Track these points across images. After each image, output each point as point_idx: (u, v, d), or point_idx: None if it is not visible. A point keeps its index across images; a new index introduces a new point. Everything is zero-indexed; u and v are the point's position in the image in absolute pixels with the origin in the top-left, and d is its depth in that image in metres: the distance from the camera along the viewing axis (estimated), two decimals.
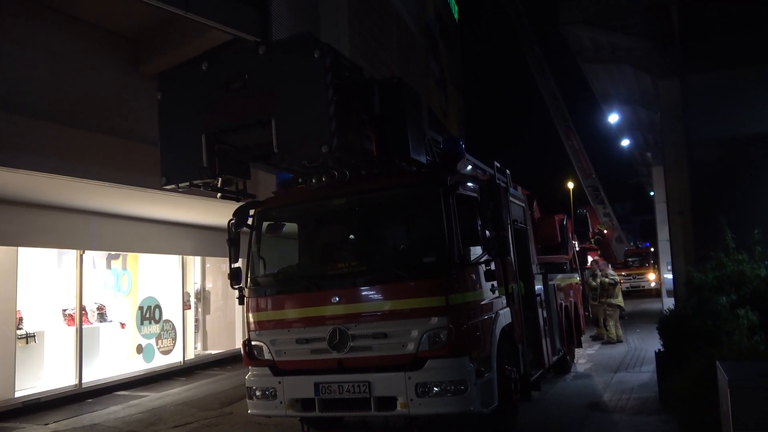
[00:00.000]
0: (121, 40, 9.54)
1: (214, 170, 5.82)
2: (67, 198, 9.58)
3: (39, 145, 7.75)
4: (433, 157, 7.19)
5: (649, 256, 31.64)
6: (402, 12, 20.37)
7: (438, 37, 26.01)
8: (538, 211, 11.77)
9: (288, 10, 12.22)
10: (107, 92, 9.13)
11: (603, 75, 12.96)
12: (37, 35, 8.28)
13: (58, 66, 8.48)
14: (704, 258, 8.79)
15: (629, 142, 21.33)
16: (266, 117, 5.52)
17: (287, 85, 5.51)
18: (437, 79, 25.53)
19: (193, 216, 12.18)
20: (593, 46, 10.97)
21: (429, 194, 6.21)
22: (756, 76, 9.52)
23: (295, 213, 7.16)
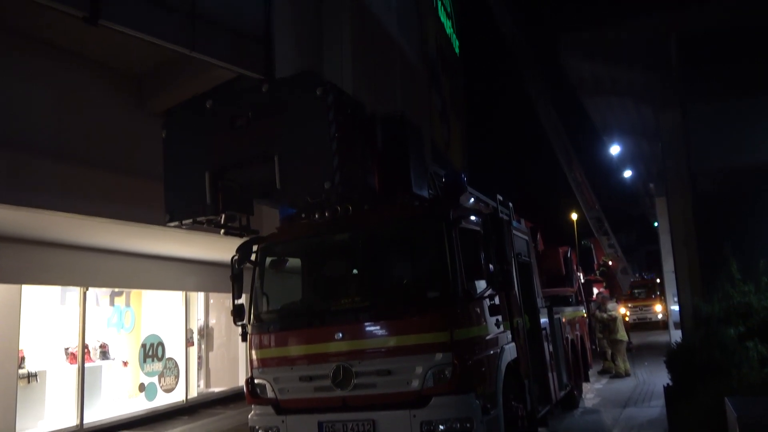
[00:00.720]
0: (127, 78, 9.68)
1: (217, 207, 5.85)
2: (71, 235, 9.61)
3: (43, 182, 7.81)
4: (435, 191, 7.21)
5: (655, 287, 31.40)
6: (404, 46, 20.62)
7: (440, 70, 26.29)
8: (542, 244, 11.73)
9: (292, 46, 12.39)
10: (112, 129, 9.23)
11: (604, 107, 13.06)
12: (43, 73, 8.41)
13: (63, 103, 8.59)
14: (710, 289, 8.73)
15: (632, 173, 21.37)
16: (269, 154, 5.57)
17: (290, 122, 5.58)
18: (440, 112, 25.71)
19: (197, 252, 12.18)
20: (593, 79, 11.08)
21: (432, 228, 6.21)
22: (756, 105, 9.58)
23: (299, 248, 7.15)
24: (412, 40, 21.86)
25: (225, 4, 8.70)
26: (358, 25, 15.47)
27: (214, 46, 8.49)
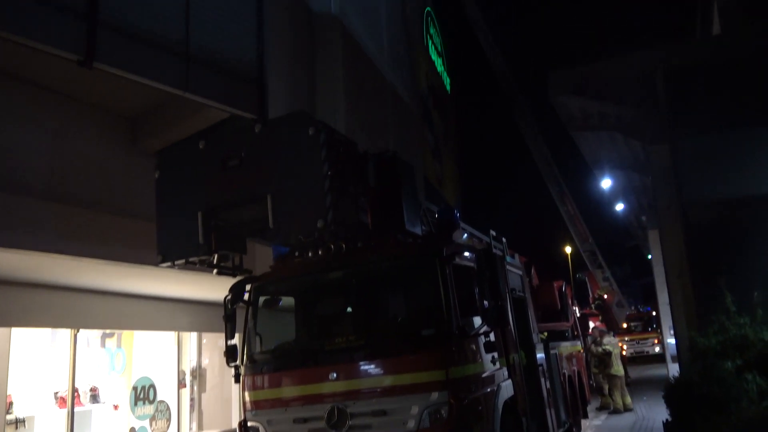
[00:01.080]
0: (121, 119, 9.73)
1: (210, 247, 5.84)
2: (62, 276, 9.52)
3: (35, 223, 7.77)
4: (429, 228, 7.22)
5: (652, 320, 31.28)
6: (396, 84, 20.92)
7: (432, 107, 26.63)
8: (536, 278, 11.71)
9: (285, 86, 12.55)
10: (105, 169, 9.24)
11: (594, 141, 13.20)
12: (37, 115, 8.44)
13: (57, 145, 8.61)
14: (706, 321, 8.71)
15: (624, 206, 21.50)
16: (262, 193, 5.59)
17: (283, 161, 5.62)
18: (432, 148, 25.96)
19: (190, 291, 12.08)
20: (582, 115, 11.23)
21: (425, 265, 6.20)
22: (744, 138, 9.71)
23: (292, 287, 7.11)
24: (404, 78, 22.20)
25: (218, 46, 8.81)
26: (351, 64, 15.71)
27: (208, 87, 8.57)
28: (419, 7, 26.27)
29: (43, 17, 6.76)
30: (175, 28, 8.11)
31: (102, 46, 7.19)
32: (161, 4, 7.98)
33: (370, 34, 18.04)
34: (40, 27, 6.73)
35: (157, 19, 7.86)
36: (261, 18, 9.44)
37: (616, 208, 22.78)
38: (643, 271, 43.95)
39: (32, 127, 8.32)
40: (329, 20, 14.89)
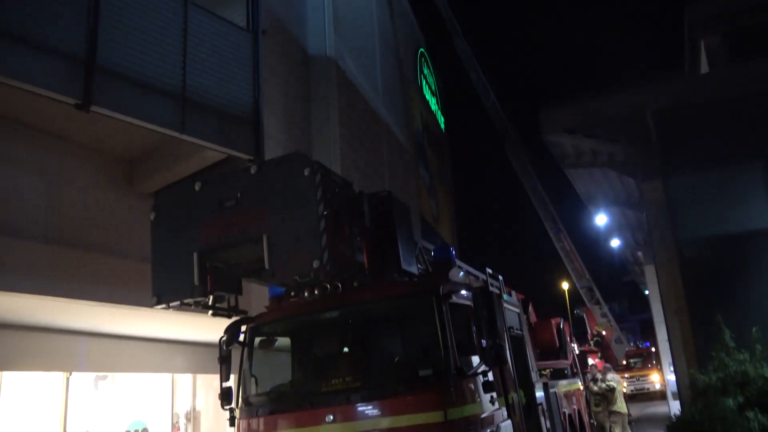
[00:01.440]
0: (117, 161, 9.79)
1: (205, 288, 5.82)
2: (55, 319, 9.44)
3: (31, 266, 7.75)
4: (425, 266, 7.22)
5: (651, 356, 31.03)
6: (391, 123, 21.19)
7: (426, 145, 26.91)
8: (534, 316, 11.65)
9: (281, 126, 12.69)
10: (101, 212, 9.25)
11: (587, 179, 13.32)
12: (34, 159, 8.50)
13: (53, 187, 8.64)
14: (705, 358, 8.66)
15: (619, 242, 21.55)
16: (258, 233, 5.60)
17: (279, 202, 5.64)
18: (427, 186, 26.14)
19: (185, 332, 11.97)
20: (575, 153, 11.37)
21: (422, 304, 6.17)
22: (735, 174, 9.82)
23: (288, 328, 7.05)
24: (398, 118, 22.50)
25: (215, 88, 8.96)
26: (346, 104, 15.94)
27: (204, 129, 8.69)
28: (413, 48, 26.78)
29: (41, 62, 6.88)
30: (172, 72, 8.26)
31: (99, 89, 7.31)
32: (158, 49, 8.14)
33: (364, 74, 18.35)
34: (38, 72, 6.84)
35: (154, 63, 8.01)
36: (257, 61, 9.61)
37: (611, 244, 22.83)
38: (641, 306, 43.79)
39: (29, 170, 8.37)
40: (324, 61, 15.16)
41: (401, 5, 25.40)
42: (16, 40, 6.70)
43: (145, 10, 8.13)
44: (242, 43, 9.61)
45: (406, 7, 26.31)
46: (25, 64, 6.77)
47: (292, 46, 14.13)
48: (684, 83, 10.75)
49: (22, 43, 6.74)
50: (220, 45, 9.18)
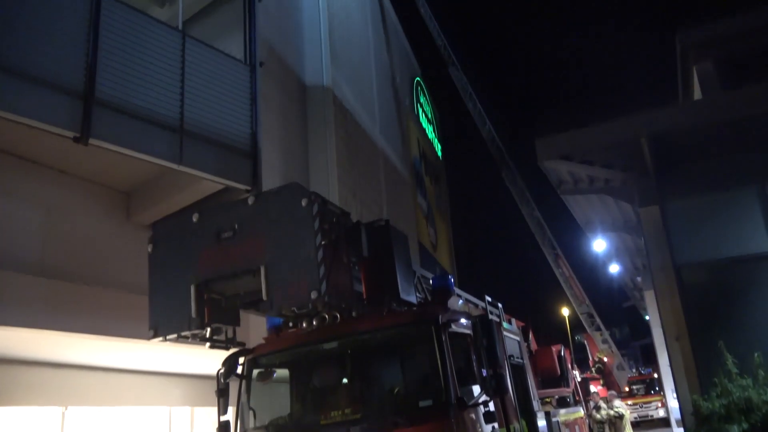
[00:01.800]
0: (115, 192, 9.82)
1: (203, 320, 5.77)
2: (50, 352, 9.36)
3: (27, 299, 7.70)
4: (424, 295, 7.18)
5: (654, 382, 30.73)
6: (388, 151, 21.31)
7: (424, 173, 27.03)
8: (534, 343, 11.56)
9: (278, 156, 12.76)
10: (99, 243, 9.25)
11: (585, 204, 13.34)
12: (32, 191, 8.52)
13: (51, 220, 8.65)
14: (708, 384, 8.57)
15: (618, 267, 21.49)
16: (256, 265, 5.57)
17: (276, 233, 5.63)
18: (425, 214, 26.18)
19: (182, 364, 11.86)
20: (572, 179, 11.39)
21: (421, 334, 6.13)
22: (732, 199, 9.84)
23: (286, 359, 6.99)
24: (395, 146, 22.64)
25: (212, 120, 9.02)
26: (343, 133, 16.04)
27: (202, 160, 8.73)
28: (409, 77, 27.07)
29: (40, 96, 6.95)
30: (170, 104, 8.33)
31: (98, 122, 7.36)
32: (156, 81, 8.22)
33: (361, 103, 18.52)
34: (37, 106, 6.90)
35: (152, 95, 8.08)
36: (254, 92, 9.70)
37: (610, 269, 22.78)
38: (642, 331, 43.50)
39: (26, 203, 8.39)
40: (322, 91, 15.31)
41: (397, 36, 25.75)
42: (15, 74, 6.78)
43: (144, 44, 8.23)
44: (240, 75, 9.71)
45: (401, 38, 26.67)
46: (24, 98, 6.83)
47: (289, 77, 14.28)
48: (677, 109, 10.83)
49: (20, 77, 6.82)
50: (218, 77, 9.28)
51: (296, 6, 15.65)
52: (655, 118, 9.76)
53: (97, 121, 7.37)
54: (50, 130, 7.11)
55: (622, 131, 9.89)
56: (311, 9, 16.01)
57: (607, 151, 10.25)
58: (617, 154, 10.28)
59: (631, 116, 9.91)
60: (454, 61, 25.95)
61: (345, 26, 18.21)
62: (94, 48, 7.52)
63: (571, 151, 10.25)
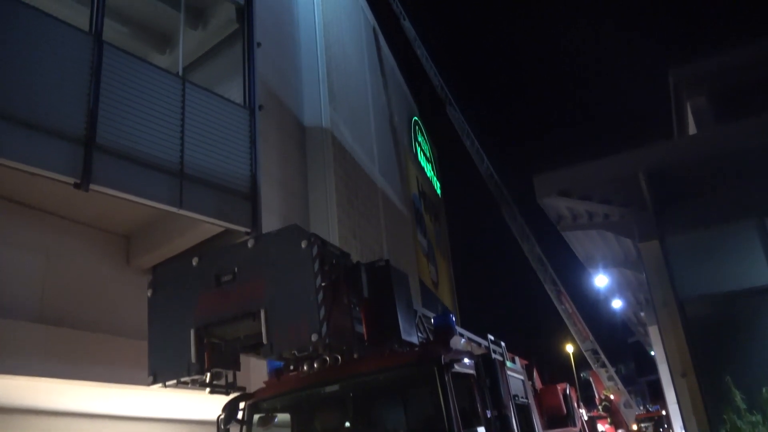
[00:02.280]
0: (114, 237, 9.83)
1: (203, 366, 5.72)
2: (50, 400, 9.22)
3: (26, 347, 7.64)
4: (425, 335, 7.12)
5: (662, 420, 30.18)
6: (387, 190, 21.42)
7: (423, 211, 27.11)
8: (539, 381, 11.40)
9: (278, 198, 12.82)
10: (98, 289, 9.21)
11: (585, 240, 13.32)
12: (32, 237, 8.53)
13: (50, 266, 8.63)
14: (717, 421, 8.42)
15: (621, 303, 21.34)
16: (256, 308, 5.55)
17: (276, 275, 5.62)
18: (426, 252, 26.15)
19: (182, 410, 11.68)
20: (571, 215, 11.40)
21: (424, 375, 6.06)
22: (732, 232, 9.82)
23: (288, 403, 6.89)
24: (394, 185, 22.77)
25: (212, 163, 9.10)
26: (342, 173, 16.15)
27: (202, 203, 8.77)
28: (407, 117, 27.41)
29: (40, 143, 7.03)
30: (170, 149, 8.42)
31: (98, 168, 7.43)
32: (157, 126, 8.33)
33: (360, 143, 18.70)
34: (37, 153, 6.97)
35: (152, 140, 8.17)
36: (254, 135, 9.81)
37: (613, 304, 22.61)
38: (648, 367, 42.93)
39: (25, 249, 8.39)
40: (320, 132, 15.48)
41: (394, 76, 26.17)
42: (16, 122, 6.86)
43: (145, 90, 8.36)
44: (239, 118, 9.84)
45: (398, 78, 27.10)
46: (24, 145, 6.90)
47: (288, 118, 14.45)
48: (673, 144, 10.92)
49: (21, 125, 6.90)
50: (218, 121, 9.39)
51: (295, 49, 15.95)
52: (651, 153, 9.82)
53: (97, 166, 7.43)
54: (51, 177, 7.16)
55: (619, 167, 9.94)
56: (309, 52, 16.31)
57: (604, 186, 10.29)
58: (615, 190, 10.31)
59: (628, 152, 9.99)
60: (450, 100, 26.29)
61: (343, 68, 18.52)
62: (96, 95, 7.64)
63: (569, 188, 10.28)
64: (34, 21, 7.41)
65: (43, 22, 7.49)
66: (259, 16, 11.59)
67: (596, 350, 27.24)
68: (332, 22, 18.31)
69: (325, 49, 16.78)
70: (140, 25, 11.70)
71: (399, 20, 26.78)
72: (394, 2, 26.55)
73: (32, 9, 7.57)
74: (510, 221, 25.96)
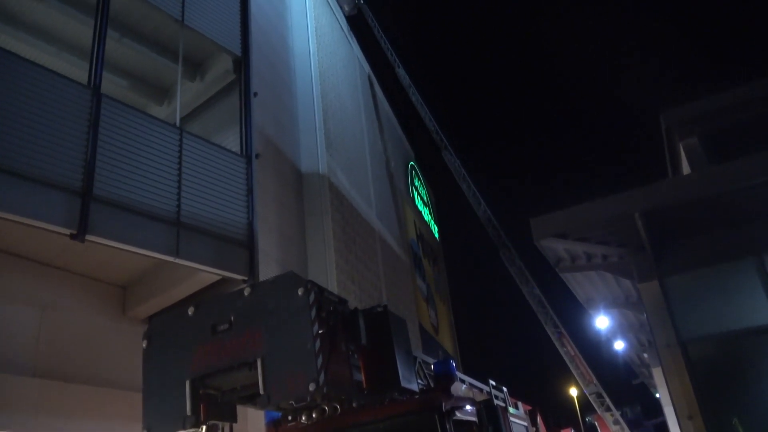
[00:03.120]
0: (110, 287, 9.76)
1: (198, 418, 5.59)
2: None
3: (18, 402, 7.49)
4: (425, 381, 7.01)
5: None
6: (385, 235, 21.43)
7: (422, 255, 27.06)
8: (543, 427, 11.18)
9: (275, 244, 12.79)
10: (93, 341, 9.10)
11: (584, 282, 13.27)
12: (27, 290, 8.47)
13: (45, 319, 8.54)
14: None
15: (624, 345, 21.12)
16: (252, 357, 5.47)
17: (273, 323, 5.55)
18: (425, 296, 25.99)
19: None
20: (569, 257, 11.39)
21: (425, 423, 5.96)
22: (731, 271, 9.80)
23: None
24: (392, 229, 22.79)
25: (209, 211, 9.12)
26: (340, 219, 16.18)
27: (198, 252, 8.75)
28: (403, 162, 27.66)
29: (37, 195, 7.04)
30: (167, 198, 8.45)
31: (95, 219, 7.43)
32: (154, 176, 8.37)
33: (357, 189, 18.80)
34: (34, 205, 6.98)
35: (149, 190, 8.21)
36: (251, 184, 9.86)
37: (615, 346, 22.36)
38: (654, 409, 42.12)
39: (20, 302, 8.31)
40: (318, 178, 15.58)
41: (390, 122, 26.52)
42: (13, 174, 6.89)
43: (142, 141, 8.44)
44: (236, 166, 9.91)
45: (394, 124, 27.46)
46: (21, 197, 6.92)
47: (285, 165, 14.56)
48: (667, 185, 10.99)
49: (18, 177, 6.93)
50: (215, 170, 9.46)
51: (291, 98, 16.19)
52: (646, 193, 9.87)
53: (94, 217, 7.44)
54: (47, 228, 7.15)
55: (615, 208, 9.98)
56: (306, 100, 16.55)
57: (601, 228, 10.31)
58: (612, 231, 10.34)
59: (623, 193, 10.04)
60: (446, 145, 26.57)
61: (339, 115, 18.78)
62: (93, 146, 7.71)
63: (566, 229, 10.30)
64: (32, 74, 7.53)
65: (41, 76, 7.61)
66: (256, 66, 11.82)
67: (600, 393, 26.78)
68: (328, 70, 18.66)
69: (321, 97, 17.05)
70: (139, 78, 11.90)
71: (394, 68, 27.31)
72: (389, 51, 27.12)
73: (30, 63, 7.71)
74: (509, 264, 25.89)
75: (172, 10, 9.80)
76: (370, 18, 26.58)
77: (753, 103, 12.80)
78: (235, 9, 11.31)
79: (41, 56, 10.37)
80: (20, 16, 10.22)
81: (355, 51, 23.16)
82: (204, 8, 10.45)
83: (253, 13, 11.99)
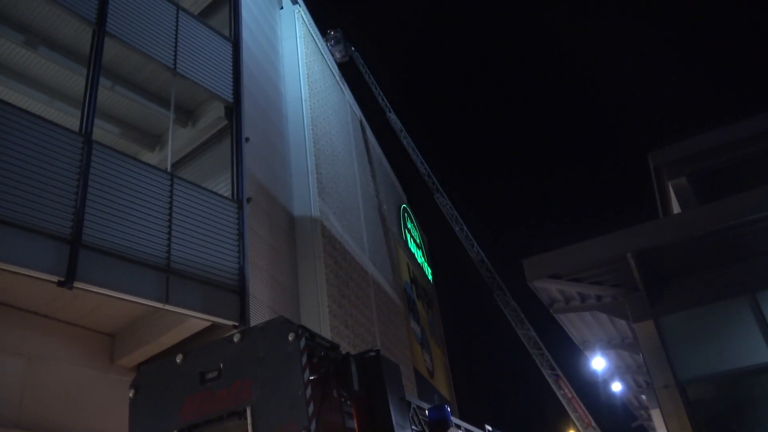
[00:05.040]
0: (98, 336, 9.58)
1: None
2: None
3: None
4: (420, 428, 6.85)
5: None
6: (379, 279, 21.29)
7: (416, 298, 26.86)
8: None
9: (267, 289, 12.67)
10: (80, 391, 8.89)
11: (579, 323, 13.18)
12: (13, 340, 8.30)
13: (31, 369, 8.35)
14: None
15: (621, 386, 20.83)
16: (242, 406, 5.34)
17: (263, 370, 5.45)
18: (420, 340, 25.69)
19: None
20: (563, 297, 11.34)
21: None
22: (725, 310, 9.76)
23: None
24: (385, 272, 22.67)
25: (199, 258, 9.05)
26: (332, 263, 16.09)
27: (188, 298, 8.64)
28: (395, 205, 27.72)
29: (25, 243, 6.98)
30: (157, 245, 8.39)
31: (83, 266, 7.36)
32: (144, 223, 8.33)
33: (350, 233, 18.77)
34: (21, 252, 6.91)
35: (139, 237, 8.15)
36: (242, 228, 9.83)
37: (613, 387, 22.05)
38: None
39: (6, 353, 8.14)
40: (310, 222, 15.54)
41: (382, 166, 26.70)
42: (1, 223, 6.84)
43: (132, 187, 8.43)
44: (227, 212, 9.88)
45: (386, 167, 27.65)
46: (7, 245, 6.85)
47: (277, 210, 14.54)
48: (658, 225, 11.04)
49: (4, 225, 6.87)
50: (206, 215, 9.43)
51: (283, 143, 16.30)
52: (637, 233, 9.91)
53: (82, 264, 7.36)
54: (34, 276, 7.06)
55: (608, 248, 10.00)
56: (298, 145, 16.66)
57: (594, 268, 10.31)
58: (605, 271, 10.33)
59: (615, 233, 10.08)
60: (438, 188, 26.74)
61: (331, 160, 18.89)
62: (83, 193, 7.68)
63: (559, 270, 10.29)
64: (23, 122, 7.56)
65: (32, 123, 7.64)
66: (248, 112, 11.93)
67: None
68: (320, 116, 18.86)
69: (313, 141, 17.16)
70: (131, 125, 11.98)
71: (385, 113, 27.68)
72: (380, 96, 27.53)
73: (21, 110, 7.75)
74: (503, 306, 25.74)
75: (164, 59, 9.93)
76: (361, 64, 27.09)
77: (741, 142, 12.99)
78: (227, 56, 11.47)
79: (33, 104, 10.44)
80: (12, 65, 10.34)
81: (346, 96, 23.48)
82: (196, 56, 10.60)
83: (245, 60, 12.17)
